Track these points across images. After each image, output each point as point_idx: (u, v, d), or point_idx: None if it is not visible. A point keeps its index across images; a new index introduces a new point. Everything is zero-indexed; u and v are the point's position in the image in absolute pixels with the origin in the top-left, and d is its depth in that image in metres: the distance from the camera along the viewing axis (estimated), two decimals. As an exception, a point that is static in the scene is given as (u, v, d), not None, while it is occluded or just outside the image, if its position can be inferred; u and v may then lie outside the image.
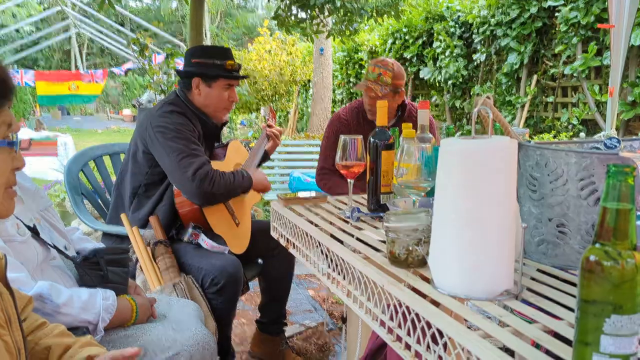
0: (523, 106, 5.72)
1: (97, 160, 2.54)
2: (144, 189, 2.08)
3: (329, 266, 1.33)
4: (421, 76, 7.33)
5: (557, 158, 1.06)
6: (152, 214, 2.05)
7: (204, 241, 2.01)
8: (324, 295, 3.20)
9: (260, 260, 2.34)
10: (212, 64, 2.12)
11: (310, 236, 1.46)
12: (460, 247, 0.93)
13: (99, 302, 1.29)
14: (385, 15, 4.20)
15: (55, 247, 1.36)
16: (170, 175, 1.98)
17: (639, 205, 0.96)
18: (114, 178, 2.38)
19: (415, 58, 7.52)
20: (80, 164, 2.45)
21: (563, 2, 5.07)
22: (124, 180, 2.13)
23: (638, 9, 3.77)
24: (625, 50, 3.44)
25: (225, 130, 10.86)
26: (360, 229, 1.49)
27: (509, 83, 5.95)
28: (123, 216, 2.02)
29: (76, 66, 19.67)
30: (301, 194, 1.90)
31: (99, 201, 2.51)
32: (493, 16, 5.95)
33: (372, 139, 1.62)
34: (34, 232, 1.30)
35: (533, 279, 1.06)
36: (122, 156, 2.40)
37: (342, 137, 1.63)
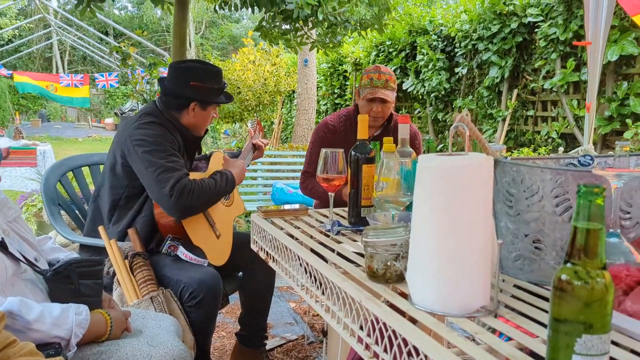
0: (504, 119, 5.81)
1: (76, 170, 2.50)
2: (124, 202, 2.05)
3: (306, 280, 1.32)
4: (404, 88, 7.40)
5: (533, 175, 1.07)
6: (131, 226, 2.02)
7: (183, 253, 1.98)
8: (305, 308, 3.18)
9: (240, 273, 2.32)
10: (211, 88, 2.12)
11: (290, 250, 1.45)
12: (436, 263, 0.93)
13: (72, 317, 1.26)
14: (369, 29, 4.23)
15: (25, 260, 1.33)
16: (148, 190, 1.96)
17: (612, 224, 0.97)
18: (92, 188, 2.34)
19: (398, 70, 7.59)
20: (58, 175, 2.41)
21: (542, 18, 5.17)
22: (101, 193, 2.10)
23: (612, 26, 3.87)
24: (601, 67, 3.52)
25: (209, 140, 10.79)
26: (339, 242, 1.49)
27: (491, 96, 6.04)
28: (101, 228, 1.99)
29: (57, 72, 19.49)
30: (282, 207, 1.90)
31: (77, 212, 2.47)
32: (475, 31, 6.05)
33: (353, 153, 1.63)
34: (2, 245, 1.27)
35: (512, 296, 1.07)
36: (102, 167, 2.36)
37: (323, 150, 1.63)
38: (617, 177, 0.95)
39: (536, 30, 5.28)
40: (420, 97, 7.29)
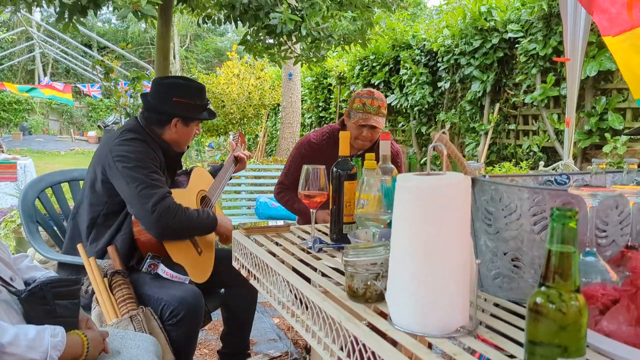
0: (486, 133, 5.88)
1: (55, 186, 2.46)
2: (102, 219, 2.02)
3: (287, 299, 1.31)
4: (388, 102, 7.47)
5: (511, 193, 1.08)
6: (110, 244, 1.99)
7: (164, 271, 1.96)
8: (289, 324, 3.15)
9: (222, 290, 2.30)
10: (193, 105, 2.11)
11: (271, 268, 1.44)
12: (415, 283, 0.93)
13: (47, 340, 1.23)
14: (352, 43, 4.27)
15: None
16: (129, 206, 1.93)
17: (588, 243, 0.98)
18: (72, 205, 2.31)
19: (382, 84, 7.66)
20: (37, 191, 2.37)
21: (523, 34, 5.27)
22: (80, 210, 2.07)
23: (590, 42, 3.95)
24: (579, 82, 3.59)
25: (193, 153, 10.72)
26: (319, 259, 1.48)
27: (473, 110, 6.11)
28: (79, 246, 1.96)
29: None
30: (265, 223, 1.89)
31: (55, 229, 2.43)
32: (457, 45, 6.13)
33: (334, 169, 1.63)
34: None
35: (492, 315, 1.07)
36: (82, 183, 2.33)
37: (304, 167, 1.62)
38: (592, 197, 0.96)
39: (517, 45, 5.37)
40: (404, 110, 7.35)
